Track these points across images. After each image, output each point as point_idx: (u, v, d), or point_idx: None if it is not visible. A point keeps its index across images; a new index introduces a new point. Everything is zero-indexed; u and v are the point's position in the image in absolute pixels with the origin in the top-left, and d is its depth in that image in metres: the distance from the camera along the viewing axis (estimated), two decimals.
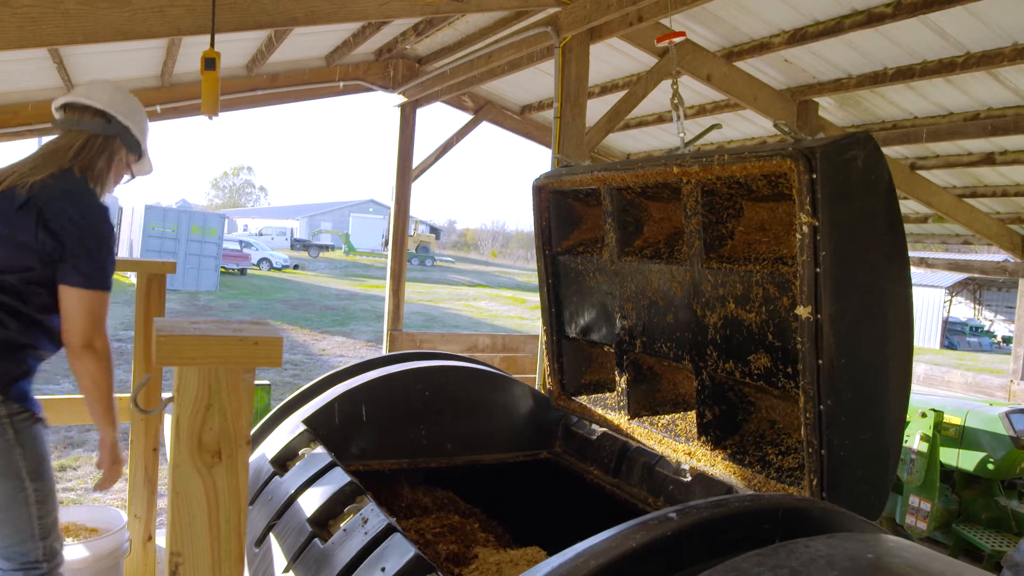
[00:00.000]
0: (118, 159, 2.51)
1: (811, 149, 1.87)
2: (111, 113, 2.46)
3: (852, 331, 1.95)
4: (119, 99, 2.52)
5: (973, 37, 4.58)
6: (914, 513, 5.06)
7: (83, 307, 2.22)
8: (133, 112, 2.53)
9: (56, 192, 2.23)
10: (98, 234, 2.27)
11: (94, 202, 2.34)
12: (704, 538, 1.40)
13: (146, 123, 2.61)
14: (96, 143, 2.42)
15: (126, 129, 2.49)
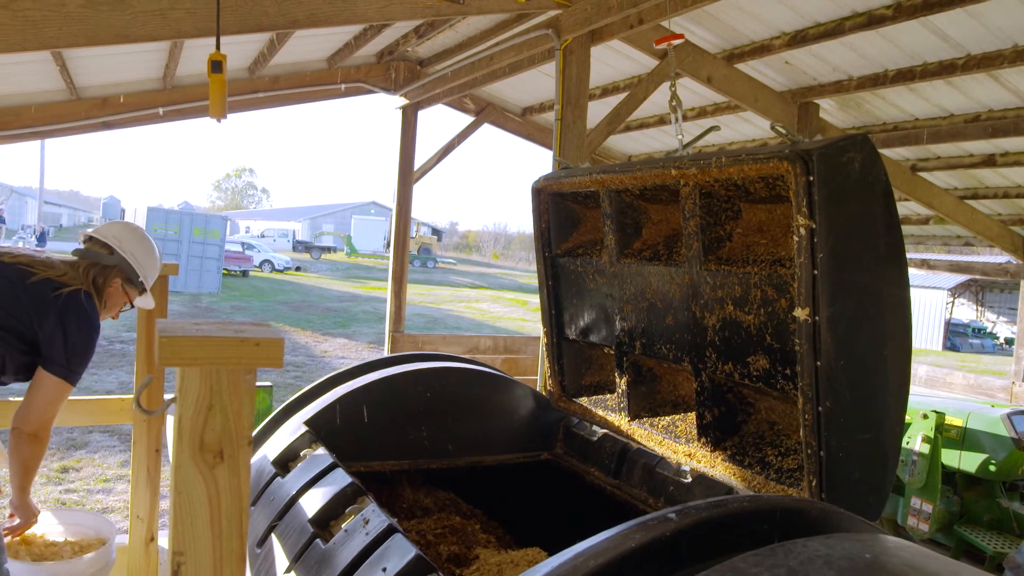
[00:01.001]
0: (117, 285, 2.83)
1: (808, 151, 1.88)
2: (113, 245, 2.82)
3: (850, 333, 1.96)
4: (125, 234, 2.89)
5: (973, 39, 4.59)
6: (916, 515, 5.06)
7: (51, 394, 2.56)
8: (138, 249, 2.87)
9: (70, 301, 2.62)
10: (87, 340, 2.64)
11: (90, 315, 2.68)
12: (703, 538, 1.41)
13: (152, 263, 2.91)
14: (96, 268, 2.78)
15: (125, 260, 2.83)
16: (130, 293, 2.88)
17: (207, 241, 23.05)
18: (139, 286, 2.89)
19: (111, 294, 2.83)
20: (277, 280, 29.28)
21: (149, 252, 2.93)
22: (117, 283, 2.83)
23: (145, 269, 2.89)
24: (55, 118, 6.54)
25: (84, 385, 9.19)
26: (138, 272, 2.85)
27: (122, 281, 2.84)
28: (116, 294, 2.85)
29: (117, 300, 2.88)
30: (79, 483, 5.99)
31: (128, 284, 2.86)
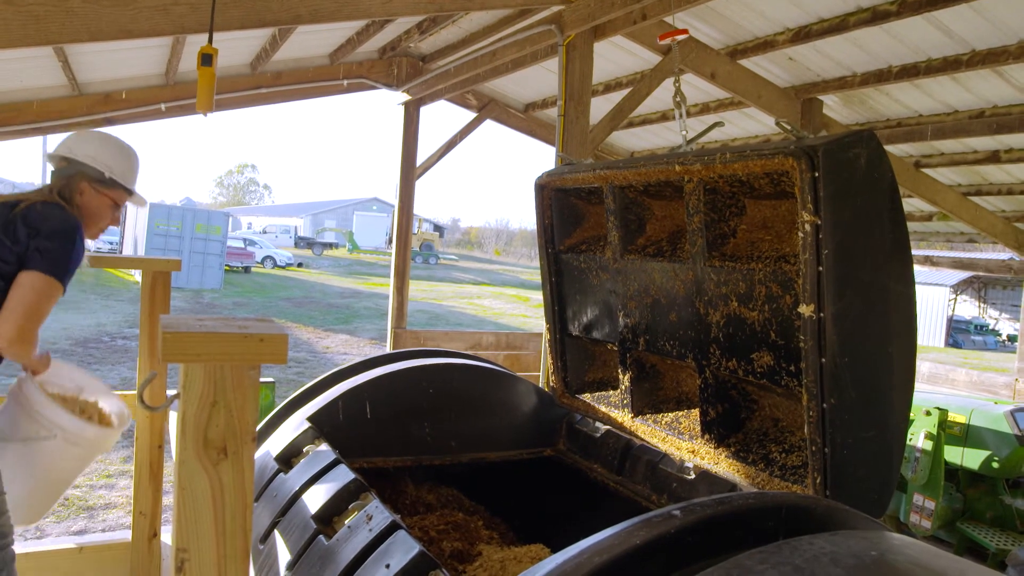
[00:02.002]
0: (89, 192, 2.68)
1: (813, 147, 1.87)
2: (67, 155, 2.70)
3: (855, 329, 1.96)
4: (76, 139, 2.76)
5: (978, 35, 4.57)
6: (918, 512, 5.06)
7: (32, 292, 2.37)
8: (94, 147, 2.72)
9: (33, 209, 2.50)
10: (65, 234, 2.47)
11: (67, 215, 2.55)
12: (707, 535, 1.40)
13: (114, 156, 2.75)
14: (60, 183, 2.66)
15: (81, 162, 2.68)
16: (108, 194, 2.72)
17: (209, 237, 23.06)
18: (109, 183, 2.71)
19: (86, 202, 2.68)
20: (279, 276, 29.30)
21: (108, 147, 2.75)
22: (85, 186, 2.67)
23: (109, 165, 2.71)
24: (57, 114, 6.54)
25: None
26: (100, 169, 2.68)
27: (89, 184, 2.68)
28: (92, 200, 2.69)
29: (97, 206, 2.71)
30: (82, 479, 5.99)
31: (99, 185, 2.69)
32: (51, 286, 2.41)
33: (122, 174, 2.77)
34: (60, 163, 2.69)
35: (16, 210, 2.47)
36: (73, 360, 10.42)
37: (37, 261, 2.39)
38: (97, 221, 2.74)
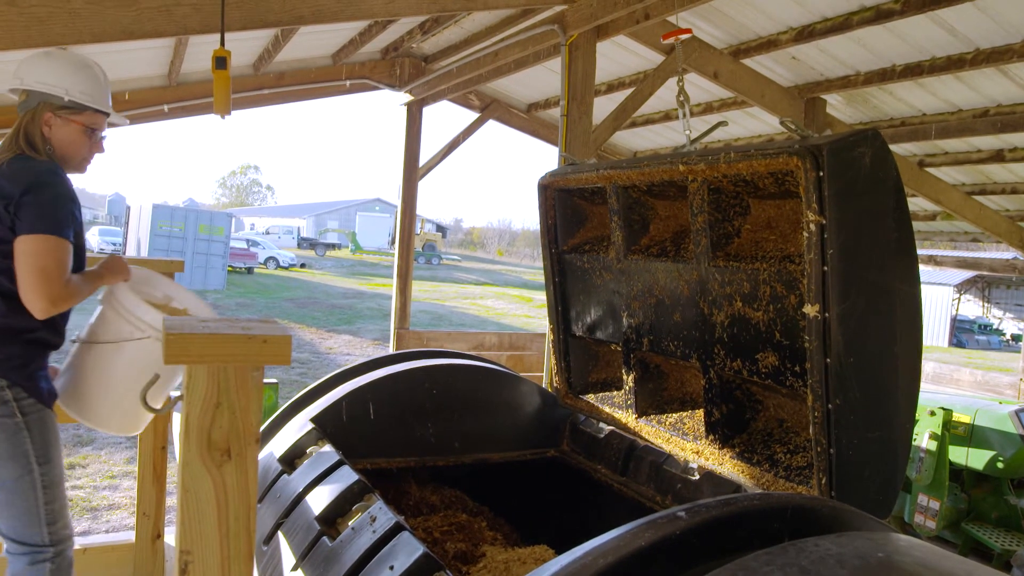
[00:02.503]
0: (56, 123, 2.40)
1: (818, 147, 1.86)
2: (16, 86, 2.42)
3: (860, 329, 1.95)
4: (25, 65, 2.44)
5: (982, 33, 4.56)
6: (923, 512, 5.04)
7: (31, 251, 2.19)
8: (45, 72, 2.40)
9: (3, 168, 2.29)
10: (39, 186, 2.26)
11: (34, 164, 2.32)
12: (713, 537, 1.40)
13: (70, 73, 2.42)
14: (25, 120, 2.39)
15: (35, 91, 2.39)
16: (77, 120, 2.43)
17: (212, 238, 23.08)
18: (74, 107, 2.41)
19: (56, 135, 2.41)
20: (282, 277, 29.32)
21: (60, 66, 2.41)
22: (50, 117, 2.38)
23: (65, 87, 2.39)
24: None
25: None
26: (57, 93, 2.38)
27: (54, 113, 2.39)
28: (61, 131, 2.41)
29: (69, 136, 2.43)
30: (85, 479, 6.00)
31: (64, 112, 2.40)
32: (48, 242, 2.21)
33: (85, 93, 2.44)
34: (21, 96, 2.42)
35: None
36: None
37: (23, 224, 2.21)
38: (75, 153, 2.47)
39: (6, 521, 2.30)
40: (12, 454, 2.25)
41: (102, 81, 2.51)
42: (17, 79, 2.41)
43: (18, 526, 2.29)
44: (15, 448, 2.26)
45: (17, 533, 2.30)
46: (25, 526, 2.29)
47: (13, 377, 2.29)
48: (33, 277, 2.18)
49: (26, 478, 2.26)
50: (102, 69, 2.53)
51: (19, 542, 2.31)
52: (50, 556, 2.33)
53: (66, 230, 2.27)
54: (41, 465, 2.31)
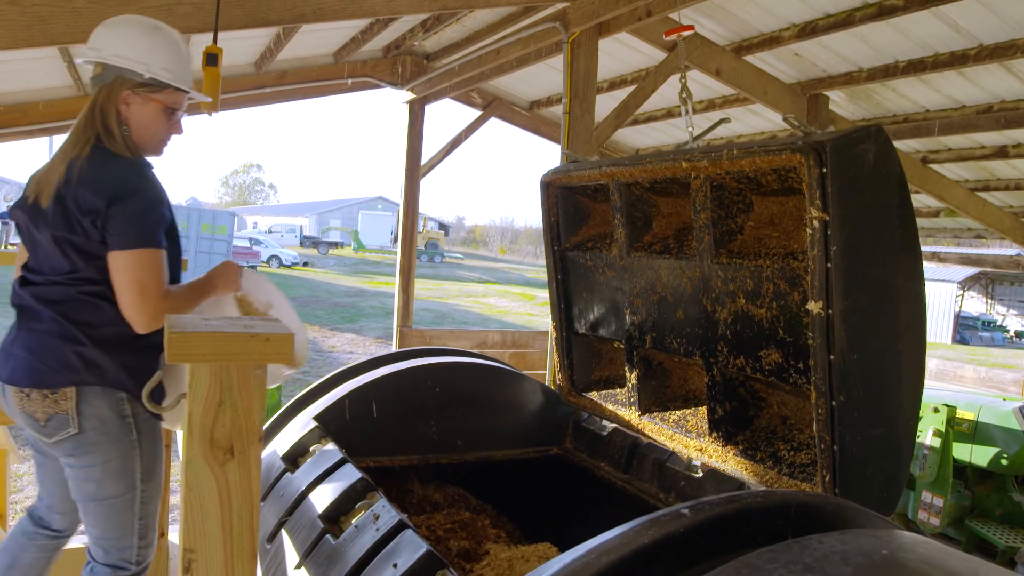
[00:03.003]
0: (135, 102, 2.19)
1: (821, 143, 1.86)
2: (94, 58, 2.18)
3: (864, 326, 1.94)
4: (103, 34, 2.20)
5: (986, 29, 4.54)
6: (927, 509, 5.04)
7: (127, 267, 2.05)
8: (126, 44, 2.17)
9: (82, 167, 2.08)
10: (124, 195, 2.07)
11: (118, 170, 2.12)
12: (716, 534, 1.39)
13: (154, 48, 2.20)
14: (101, 98, 2.17)
15: (120, 68, 2.16)
16: (157, 99, 2.21)
17: (215, 237, 23.11)
18: (154, 84, 2.20)
19: (135, 114, 2.20)
20: (285, 275, 29.34)
21: (141, 38, 2.19)
22: (128, 94, 2.17)
23: (146, 61, 2.17)
24: (63, 115, 6.55)
25: None
26: (137, 69, 2.16)
27: (132, 91, 2.18)
28: (140, 110, 2.20)
29: (147, 116, 2.22)
30: None
31: (143, 89, 2.19)
32: (141, 256, 2.05)
33: (167, 70, 2.21)
34: (96, 68, 2.20)
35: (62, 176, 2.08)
36: None
37: (114, 238, 2.05)
38: (152, 135, 2.26)
39: (98, 531, 2.20)
40: (121, 472, 2.16)
41: (185, 55, 2.29)
42: (93, 50, 2.18)
43: (110, 539, 2.21)
44: (125, 467, 2.17)
45: (106, 545, 2.21)
46: (117, 539, 2.21)
47: (130, 388, 2.14)
48: (132, 294, 2.05)
49: (128, 495, 2.18)
50: (185, 41, 2.32)
51: (107, 553, 2.22)
52: (132, 572, 2.25)
53: (158, 237, 2.12)
54: (144, 482, 2.22)
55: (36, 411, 2.10)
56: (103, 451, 2.13)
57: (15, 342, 2.17)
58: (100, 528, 2.19)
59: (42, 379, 2.09)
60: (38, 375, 2.09)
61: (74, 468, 2.15)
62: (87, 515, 2.20)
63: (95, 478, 2.14)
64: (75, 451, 2.12)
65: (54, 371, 2.08)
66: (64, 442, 2.12)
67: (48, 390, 2.08)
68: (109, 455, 2.13)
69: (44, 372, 2.09)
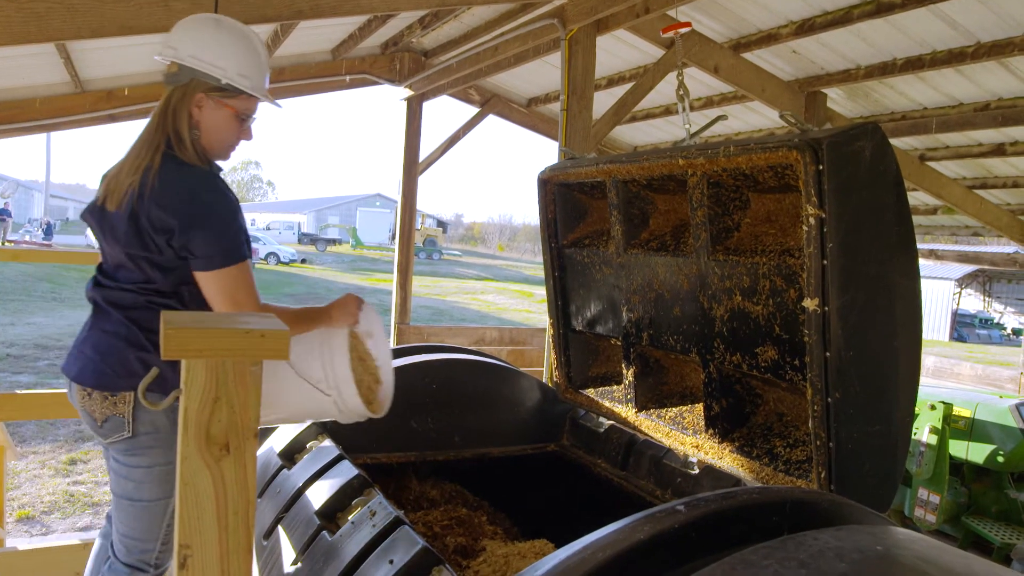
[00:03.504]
0: (208, 106, 2.13)
1: (818, 140, 1.86)
2: (170, 57, 2.11)
3: (860, 323, 1.95)
4: (181, 33, 2.13)
5: (983, 26, 4.54)
6: (923, 506, 5.05)
7: (218, 289, 2.04)
8: (204, 46, 2.09)
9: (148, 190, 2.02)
10: (200, 212, 2.02)
11: (190, 185, 2.05)
12: (712, 530, 1.40)
13: (230, 54, 2.12)
14: (171, 103, 2.10)
15: (188, 68, 2.08)
16: (230, 104, 2.15)
17: None
18: (229, 91, 2.12)
19: (206, 118, 2.13)
20: (283, 272, 29.32)
21: (220, 42, 2.10)
22: (202, 98, 2.11)
23: (223, 67, 2.09)
24: (60, 111, 6.54)
25: None
26: (213, 73, 2.08)
27: (206, 95, 2.11)
28: (212, 115, 2.14)
29: (219, 122, 2.15)
30: (87, 475, 6.01)
31: (217, 94, 2.12)
32: (230, 274, 2.03)
33: (244, 76, 2.13)
34: (171, 67, 2.13)
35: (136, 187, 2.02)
36: None
37: (199, 261, 2.03)
38: (222, 140, 2.20)
39: (125, 528, 2.20)
40: (163, 478, 2.16)
41: (263, 61, 2.21)
42: (170, 48, 2.10)
43: (134, 538, 2.20)
44: (168, 474, 2.15)
45: (129, 544, 2.21)
46: (142, 540, 2.21)
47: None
48: (228, 307, 2.06)
49: (163, 501, 2.18)
50: (263, 45, 2.24)
51: (129, 553, 2.22)
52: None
53: (241, 250, 2.08)
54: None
55: (95, 411, 2.13)
56: (151, 456, 2.15)
57: (86, 341, 2.18)
58: (128, 526, 2.20)
59: (105, 382, 2.11)
60: (102, 377, 2.11)
61: (120, 464, 2.17)
62: (119, 511, 2.21)
63: (137, 479, 2.15)
64: (126, 452, 2.15)
65: (117, 375, 2.10)
66: (117, 443, 2.14)
67: (109, 392, 2.10)
68: (156, 460, 2.15)
69: (108, 375, 2.11)
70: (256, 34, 2.22)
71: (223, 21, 2.18)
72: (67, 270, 21.10)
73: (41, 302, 16.21)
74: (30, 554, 3.31)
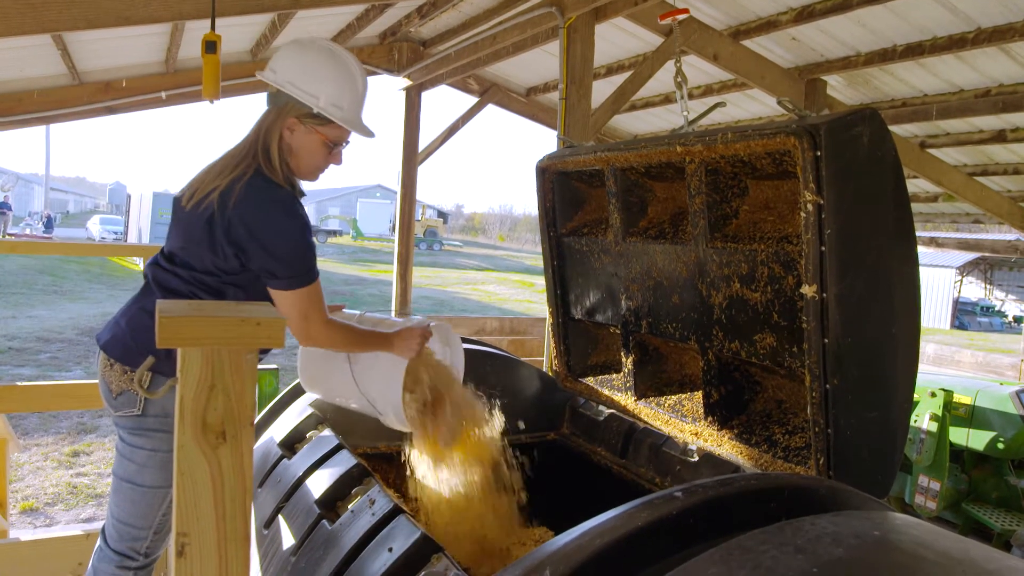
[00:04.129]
0: (299, 130, 2.18)
1: (816, 126, 1.85)
2: (269, 80, 2.17)
3: (858, 310, 1.94)
4: (282, 57, 2.19)
5: (984, 12, 4.52)
6: (923, 493, 5.06)
7: (291, 305, 2.16)
8: (303, 73, 2.15)
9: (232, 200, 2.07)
10: (278, 238, 2.09)
11: (268, 206, 2.10)
12: (710, 517, 1.40)
13: (326, 81, 2.16)
14: (266, 123, 2.18)
15: (283, 93, 2.15)
16: (321, 132, 2.19)
17: None
18: (320, 118, 2.17)
19: (296, 141, 2.19)
20: None
21: (317, 69, 2.15)
22: (294, 122, 2.16)
23: (318, 92, 2.14)
24: (58, 103, 6.53)
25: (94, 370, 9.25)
26: (307, 101, 2.13)
27: (299, 119, 2.16)
28: (302, 139, 2.19)
29: (308, 147, 2.20)
30: (90, 466, 6.03)
31: (310, 120, 2.17)
32: (303, 294, 2.15)
33: (337, 107, 2.18)
34: (271, 88, 2.19)
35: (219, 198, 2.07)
36: (79, 349, 10.47)
37: (278, 282, 2.12)
38: (309, 164, 2.24)
39: (120, 511, 2.20)
40: (164, 465, 2.16)
41: (359, 92, 2.26)
42: (271, 72, 2.18)
43: (128, 524, 2.20)
44: (170, 462, 2.09)
45: (122, 530, 2.21)
46: (135, 527, 2.20)
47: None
48: (296, 321, 2.18)
49: (162, 490, 2.19)
50: (364, 75, 2.28)
51: (120, 539, 2.22)
52: (137, 566, 2.24)
53: (314, 271, 2.19)
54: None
55: (112, 382, 2.17)
56: (156, 440, 2.16)
57: (124, 314, 2.25)
58: (124, 510, 2.21)
59: (127, 356, 2.15)
60: (127, 351, 2.16)
61: (125, 444, 2.19)
62: (116, 493, 2.22)
63: (139, 462, 2.17)
64: (132, 430, 2.17)
65: (140, 353, 2.12)
66: (126, 419, 2.17)
67: (129, 368, 2.14)
68: (159, 446, 2.17)
69: (132, 351, 2.15)
70: (359, 65, 2.27)
71: (327, 49, 2.23)
72: (68, 263, 21.11)
73: (42, 295, 16.23)
74: (34, 545, 3.33)
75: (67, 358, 9.85)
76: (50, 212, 37.04)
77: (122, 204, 38.15)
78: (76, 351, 10.33)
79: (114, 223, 32.56)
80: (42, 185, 45.20)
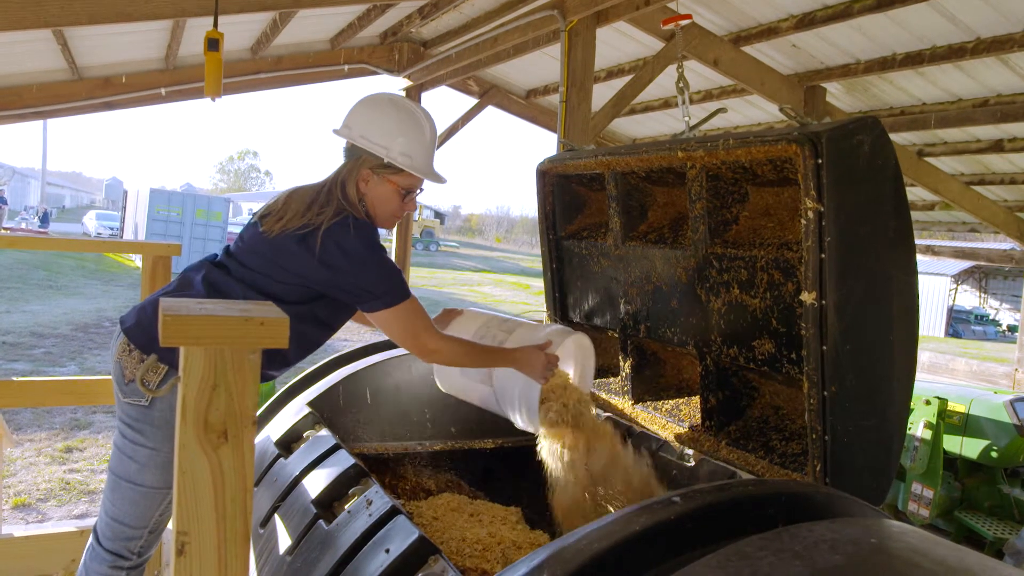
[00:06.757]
0: (373, 181, 2.32)
1: (817, 134, 1.86)
2: (343, 135, 2.35)
3: (857, 317, 1.95)
4: (355, 113, 2.35)
5: (983, 22, 4.54)
6: (916, 500, 5.07)
7: (394, 323, 2.28)
8: (373, 126, 2.31)
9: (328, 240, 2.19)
10: (366, 264, 2.21)
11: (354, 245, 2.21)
12: (707, 522, 1.40)
13: (394, 134, 2.30)
14: (341, 175, 2.32)
15: (357, 148, 2.31)
16: (394, 181, 2.33)
17: (210, 223, 23.02)
18: (392, 168, 2.31)
19: (371, 191, 2.32)
20: None
21: (387, 123, 2.30)
22: (368, 174, 2.30)
23: (388, 143, 2.29)
24: (57, 98, 6.52)
25: (88, 365, 9.23)
26: (378, 153, 2.28)
27: (372, 171, 2.30)
28: (376, 189, 2.32)
29: (383, 196, 2.34)
30: (83, 463, 6.01)
31: (380, 170, 2.30)
32: (403, 308, 2.26)
33: (406, 156, 2.31)
34: (347, 143, 2.36)
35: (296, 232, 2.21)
36: (74, 345, 10.44)
37: (372, 302, 2.23)
38: (384, 211, 2.37)
39: (116, 510, 2.18)
40: (166, 465, 2.14)
41: (427, 141, 2.38)
42: (346, 128, 2.35)
43: (122, 524, 2.18)
44: (172, 463, 2.16)
45: (116, 529, 2.19)
46: (130, 527, 2.19)
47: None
48: (406, 339, 2.31)
49: (162, 491, 2.17)
50: (432, 124, 2.41)
51: (114, 538, 2.20)
52: (130, 565, 2.23)
53: (405, 287, 2.31)
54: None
55: (127, 367, 2.15)
56: (159, 437, 2.13)
57: (155, 302, 2.22)
58: (119, 509, 2.17)
59: (147, 344, 2.14)
60: (147, 339, 2.15)
61: (125, 439, 2.15)
62: (113, 491, 2.18)
63: (140, 460, 2.14)
64: (135, 422, 2.14)
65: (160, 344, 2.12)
66: (132, 407, 2.14)
67: (146, 355, 2.13)
68: (162, 444, 2.13)
69: (155, 340, 2.12)
70: (427, 115, 2.40)
71: (396, 102, 2.37)
72: (63, 258, 21.05)
73: (37, 290, 16.18)
74: (26, 540, 3.32)
75: (61, 353, 9.81)
76: (46, 207, 36.93)
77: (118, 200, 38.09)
78: (70, 346, 10.31)
79: (110, 219, 32.50)
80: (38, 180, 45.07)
